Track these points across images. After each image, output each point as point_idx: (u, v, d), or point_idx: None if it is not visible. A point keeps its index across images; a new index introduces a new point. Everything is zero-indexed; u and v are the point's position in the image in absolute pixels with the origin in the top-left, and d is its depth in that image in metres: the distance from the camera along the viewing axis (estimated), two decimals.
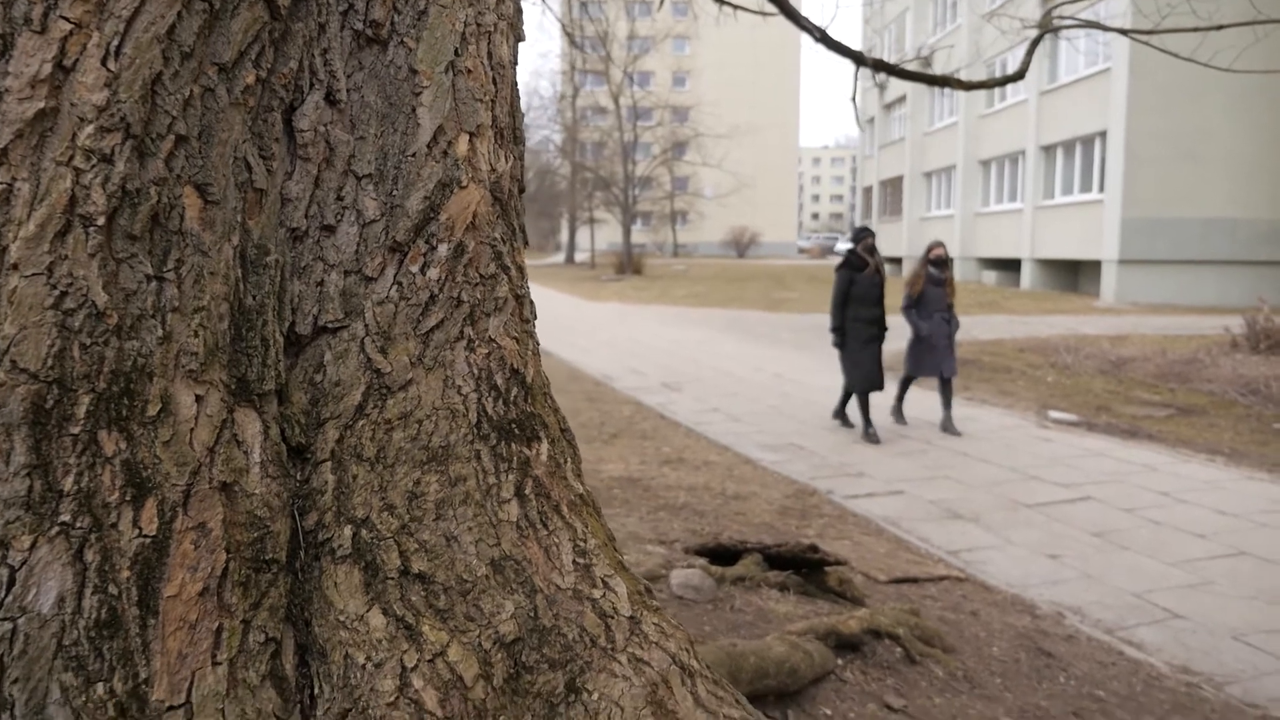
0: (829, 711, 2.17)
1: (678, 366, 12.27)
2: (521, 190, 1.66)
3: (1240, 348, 12.26)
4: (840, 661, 2.46)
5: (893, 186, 36.64)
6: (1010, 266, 27.40)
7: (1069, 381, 10.95)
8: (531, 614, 1.36)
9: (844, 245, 63.45)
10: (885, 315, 8.08)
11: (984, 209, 29.06)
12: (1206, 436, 8.19)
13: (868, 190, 40.23)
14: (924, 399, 9.40)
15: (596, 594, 1.42)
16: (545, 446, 1.47)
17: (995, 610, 3.88)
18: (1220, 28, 5.38)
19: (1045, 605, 4.29)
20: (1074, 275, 24.91)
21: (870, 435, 7.97)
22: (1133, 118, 20.87)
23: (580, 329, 17.23)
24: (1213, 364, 11.17)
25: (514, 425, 1.44)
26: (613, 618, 1.40)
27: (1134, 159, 20.96)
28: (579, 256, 50.25)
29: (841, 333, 8.03)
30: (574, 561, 1.42)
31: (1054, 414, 9.00)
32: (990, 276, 28.14)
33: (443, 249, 1.43)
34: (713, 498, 5.69)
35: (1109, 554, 5.10)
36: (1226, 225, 20.75)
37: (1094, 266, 22.94)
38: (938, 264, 8.48)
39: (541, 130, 66.35)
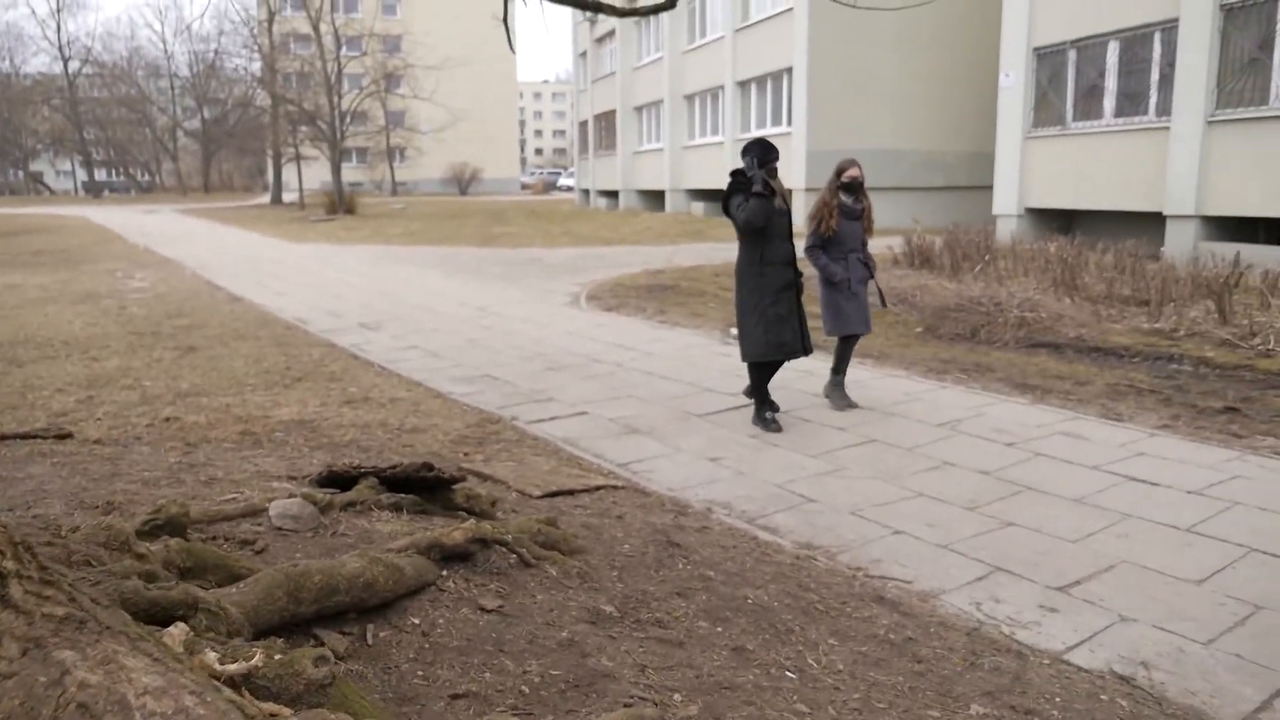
0: (417, 620, 2.18)
1: (379, 305, 11.85)
2: None
3: (900, 264, 13.77)
4: (445, 573, 2.48)
5: (606, 120, 37.22)
6: (716, 197, 28.85)
7: None
8: None
9: (566, 180, 63.71)
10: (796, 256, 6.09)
11: (690, 142, 30.31)
12: (861, 343, 9.11)
13: (583, 124, 40.59)
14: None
15: None
16: None
17: (641, 512, 4.10)
18: None
19: (698, 503, 4.60)
20: None
21: (771, 421, 6.03)
22: (814, 56, 22.50)
23: (279, 273, 16.15)
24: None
25: None
26: None
27: (815, 95, 22.67)
28: (287, 196, 46.88)
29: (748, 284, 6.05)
30: None
31: (735, 331, 9.61)
32: (698, 207, 29.53)
33: None
34: (386, 433, 5.55)
35: (762, 452, 5.56)
36: (892, 156, 23.05)
37: None
38: (851, 189, 6.57)
39: (236, 58, 60.62)
